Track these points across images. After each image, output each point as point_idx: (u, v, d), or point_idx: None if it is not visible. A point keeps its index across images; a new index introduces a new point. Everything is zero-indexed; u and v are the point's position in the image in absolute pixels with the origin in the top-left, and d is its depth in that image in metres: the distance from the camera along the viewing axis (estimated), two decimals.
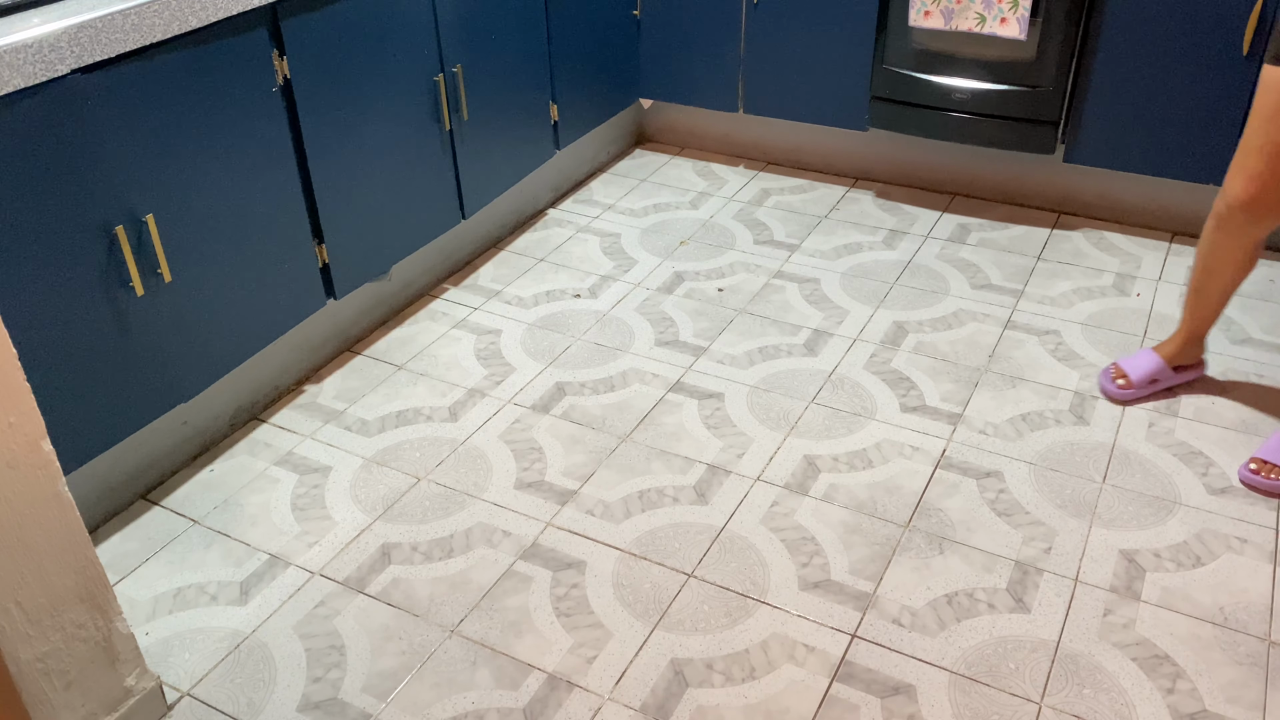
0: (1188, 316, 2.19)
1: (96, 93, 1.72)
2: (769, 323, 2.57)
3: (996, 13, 2.64)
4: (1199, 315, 2.17)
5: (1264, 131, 1.86)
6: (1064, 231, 2.92)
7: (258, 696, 1.68)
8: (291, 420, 2.28)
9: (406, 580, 1.88)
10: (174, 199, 1.90)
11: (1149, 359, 2.24)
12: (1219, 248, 2.04)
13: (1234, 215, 1.97)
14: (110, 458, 2.00)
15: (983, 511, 1.99)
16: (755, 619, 1.79)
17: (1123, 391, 2.24)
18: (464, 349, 2.50)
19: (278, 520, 2.02)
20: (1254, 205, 1.93)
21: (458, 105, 2.52)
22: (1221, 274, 2.08)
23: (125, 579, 1.91)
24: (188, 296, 1.97)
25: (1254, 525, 1.94)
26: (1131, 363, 2.26)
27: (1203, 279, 2.11)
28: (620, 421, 2.25)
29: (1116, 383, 2.25)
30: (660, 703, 1.65)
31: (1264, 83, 1.87)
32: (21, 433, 1.33)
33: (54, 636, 1.44)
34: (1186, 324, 2.20)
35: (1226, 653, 1.71)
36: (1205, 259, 2.09)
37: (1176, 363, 2.24)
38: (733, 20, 3.05)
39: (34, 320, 1.71)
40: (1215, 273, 2.08)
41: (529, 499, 2.05)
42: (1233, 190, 1.94)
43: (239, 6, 1.90)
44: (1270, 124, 1.85)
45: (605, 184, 3.27)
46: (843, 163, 3.28)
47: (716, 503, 2.03)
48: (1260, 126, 1.87)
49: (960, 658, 1.71)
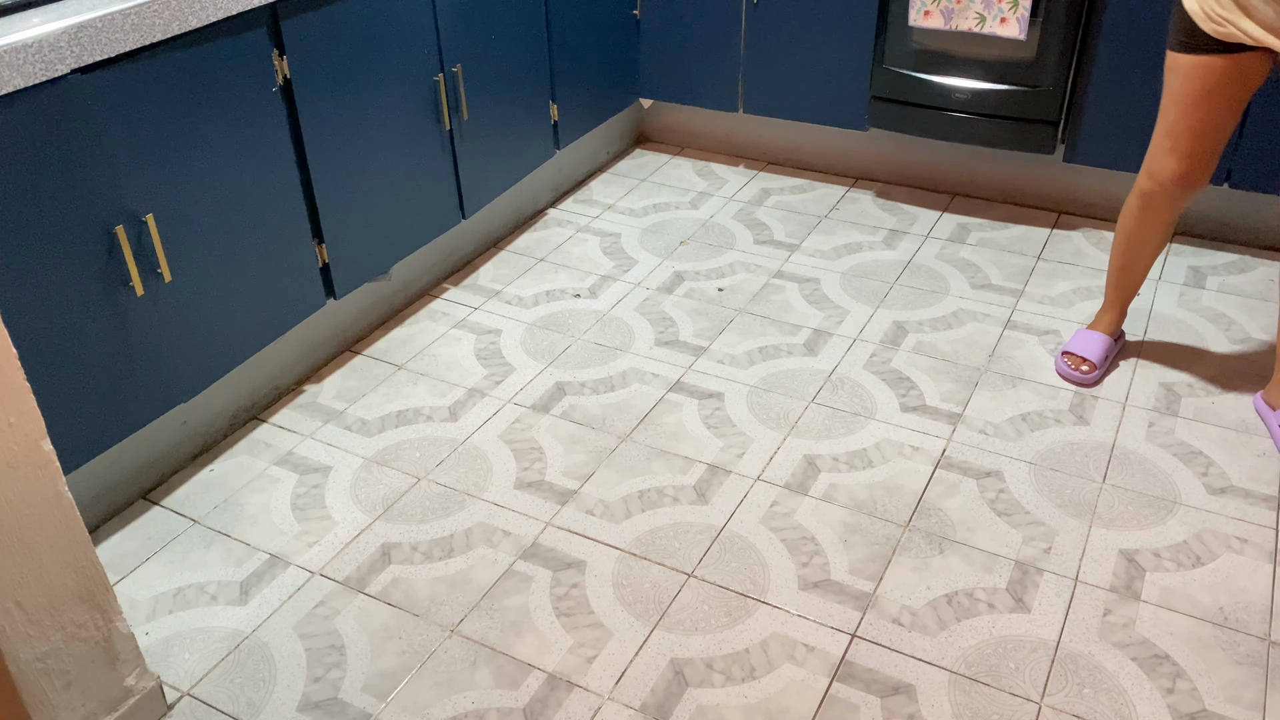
0: (1116, 295, 2.33)
1: (96, 93, 1.72)
2: (769, 323, 2.57)
3: (996, 12, 2.64)
4: (1126, 289, 2.32)
5: (1197, 114, 1.98)
6: (1064, 231, 2.92)
7: (258, 696, 1.68)
8: (291, 420, 2.28)
9: (406, 580, 1.88)
10: (174, 199, 1.90)
11: (1097, 338, 2.35)
12: (1147, 225, 2.18)
13: (1168, 191, 2.09)
14: (110, 458, 2.00)
15: (983, 511, 1.99)
16: (755, 619, 1.79)
17: (1089, 376, 2.31)
18: (464, 349, 2.50)
19: (278, 520, 2.02)
20: (1187, 180, 2.06)
21: (458, 105, 2.53)
22: (1149, 249, 2.22)
23: (125, 579, 1.91)
24: (187, 296, 1.97)
25: (1254, 525, 1.94)
26: (1084, 347, 2.34)
27: (1129, 257, 2.26)
28: (620, 421, 2.25)
29: (1081, 369, 2.32)
30: (660, 702, 1.65)
31: (1179, 70, 1.97)
32: (21, 433, 1.33)
33: (54, 636, 1.44)
34: (1115, 300, 2.34)
35: (1226, 653, 1.71)
36: (1132, 238, 2.22)
37: (1114, 334, 2.38)
38: (733, 20, 3.05)
39: (34, 320, 1.71)
40: (1143, 249, 2.23)
41: (529, 499, 2.05)
42: (1166, 170, 2.06)
43: (239, 6, 1.90)
44: (1202, 105, 1.97)
45: (605, 184, 3.27)
46: (843, 163, 3.28)
47: (716, 503, 2.03)
48: (1192, 110, 1.98)
49: (960, 657, 1.71)
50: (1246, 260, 2.75)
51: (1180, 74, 1.97)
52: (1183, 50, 1.95)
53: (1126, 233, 2.22)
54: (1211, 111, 1.97)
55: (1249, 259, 2.75)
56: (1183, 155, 2.03)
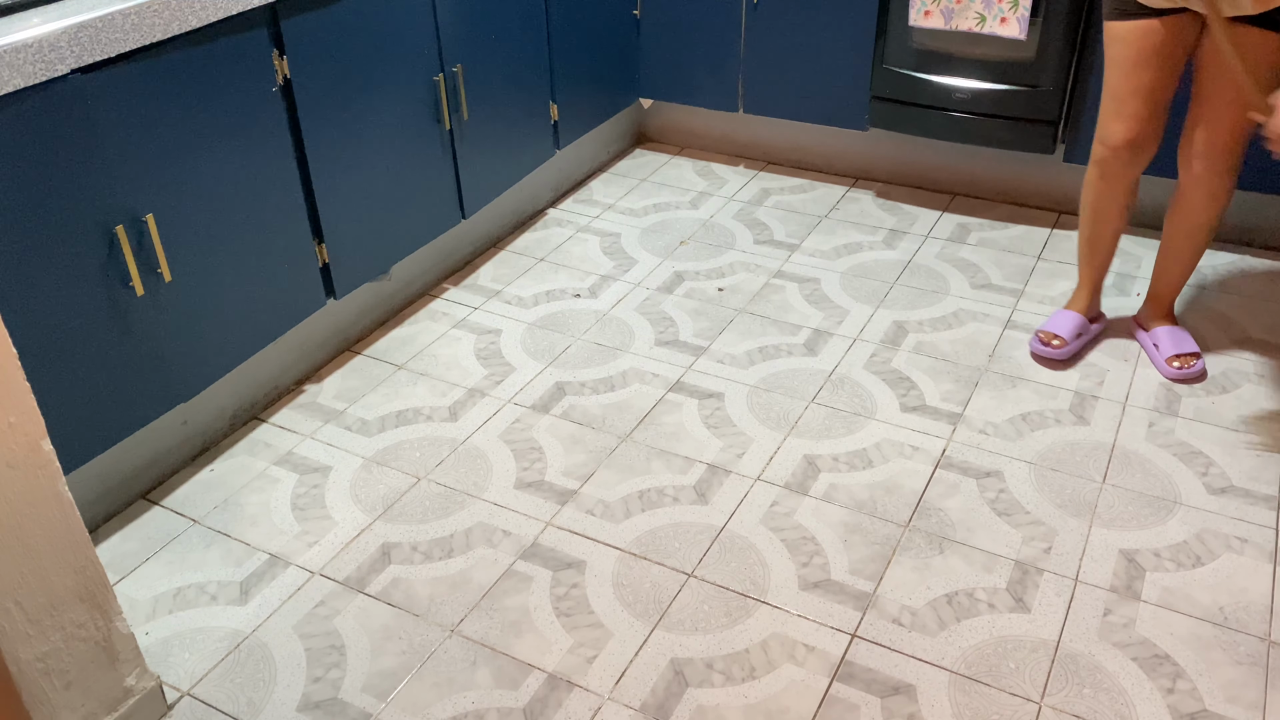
0: (1087, 270, 2.40)
1: (96, 93, 1.72)
2: (769, 322, 2.57)
3: (996, 12, 2.64)
4: (1096, 265, 2.38)
5: (1136, 76, 2.09)
6: (1064, 231, 2.92)
7: (258, 696, 1.68)
8: (291, 420, 2.28)
9: (406, 580, 1.88)
10: (174, 199, 1.90)
11: (1070, 316, 2.41)
12: (1105, 195, 2.26)
13: (1119, 156, 2.18)
14: (110, 458, 2.00)
15: (983, 511, 1.99)
16: (755, 619, 1.79)
17: (1059, 351, 2.37)
18: (464, 349, 2.50)
19: (278, 520, 2.02)
20: (1136, 143, 2.16)
21: (458, 105, 2.53)
22: (1111, 219, 2.30)
23: (125, 579, 1.91)
24: (188, 296, 1.97)
25: (1254, 525, 1.94)
26: (1057, 324, 2.40)
27: (1095, 229, 2.33)
28: (620, 421, 2.25)
29: (1052, 344, 2.37)
30: (660, 702, 1.65)
31: (1118, 37, 2.09)
32: (21, 433, 1.33)
33: (54, 636, 1.44)
34: (1088, 277, 2.40)
35: (1226, 653, 1.71)
36: (1094, 209, 2.30)
37: (1089, 315, 2.43)
38: (733, 20, 3.05)
39: (34, 320, 1.71)
40: (1106, 219, 2.30)
41: (529, 499, 2.05)
42: (1116, 134, 2.16)
43: (239, 6, 1.90)
44: (1140, 68, 2.08)
45: (605, 184, 3.27)
46: (843, 162, 3.28)
47: (716, 502, 2.03)
48: (1132, 73, 2.09)
49: (960, 657, 1.71)
50: (1246, 260, 2.75)
51: (1119, 41, 2.09)
52: (1118, 18, 2.08)
53: (1088, 204, 2.31)
54: (1151, 73, 2.08)
55: (1249, 259, 2.75)
56: (1129, 118, 2.13)
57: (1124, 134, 2.15)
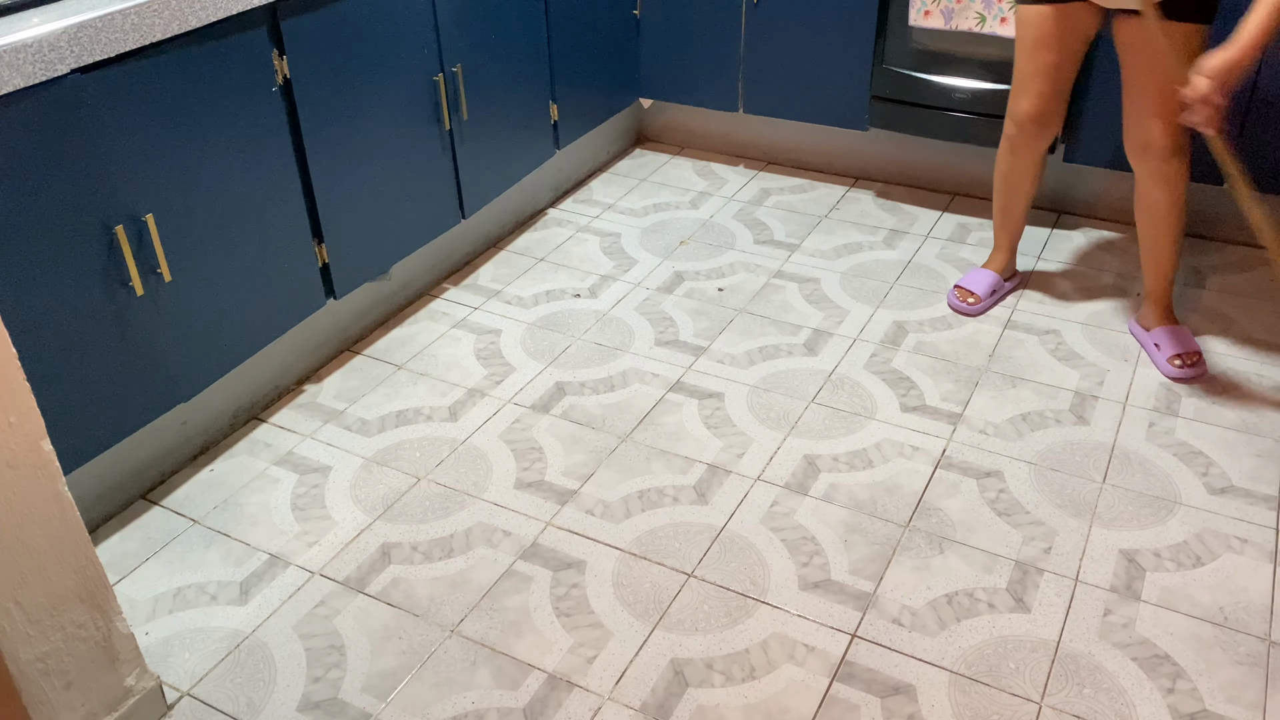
0: (1003, 235, 2.60)
1: (96, 92, 1.72)
2: (769, 322, 2.57)
3: (996, 12, 2.64)
4: (1010, 230, 2.59)
5: (1039, 57, 2.27)
6: (1064, 231, 2.92)
7: (258, 696, 1.68)
8: (291, 420, 2.28)
9: (406, 580, 1.88)
10: (174, 199, 1.90)
11: (985, 274, 2.61)
12: (1016, 167, 2.46)
13: (1026, 130, 2.37)
14: (110, 458, 2.00)
15: (983, 511, 1.99)
16: (755, 619, 1.79)
17: (974, 306, 2.57)
18: (464, 349, 2.50)
19: (278, 520, 2.02)
20: (1041, 118, 2.34)
21: (458, 105, 2.53)
22: (1022, 190, 2.50)
23: (125, 579, 1.91)
24: (187, 296, 1.97)
25: (1254, 525, 1.94)
26: (972, 282, 2.60)
27: (1008, 200, 2.54)
28: (620, 421, 2.25)
29: (968, 301, 2.57)
30: (660, 702, 1.65)
31: (1025, 20, 2.27)
32: (21, 433, 1.33)
33: (54, 636, 1.44)
34: (1004, 241, 2.61)
35: (1226, 653, 1.71)
36: (1007, 181, 2.50)
37: (1005, 274, 2.63)
38: (733, 20, 3.05)
39: (34, 320, 1.71)
40: (1017, 190, 2.51)
41: (529, 499, 2.05)
42: (1023, 109, 2.35)
43: (239, 6, 1.90)
44: (1040, 50, 2.26)
45: (605, 184, 3.27)
46: (843, 162, 3.28)
47: (716, 503, 2.03)
48: (1034, 54, 2.27)
49: (960, 657, 1.71)
50: (1246, 260, 2.75)
51: (1025, 24, 2.27)
52: (1025, 2, 2.25)
53: (1001, 175, 2.51)
54: (1053, 54, 2.25)
55: (1249, 259, 2.75)
56: (1033, 95, 2.32)
57: (1029, 111, 2.34)
